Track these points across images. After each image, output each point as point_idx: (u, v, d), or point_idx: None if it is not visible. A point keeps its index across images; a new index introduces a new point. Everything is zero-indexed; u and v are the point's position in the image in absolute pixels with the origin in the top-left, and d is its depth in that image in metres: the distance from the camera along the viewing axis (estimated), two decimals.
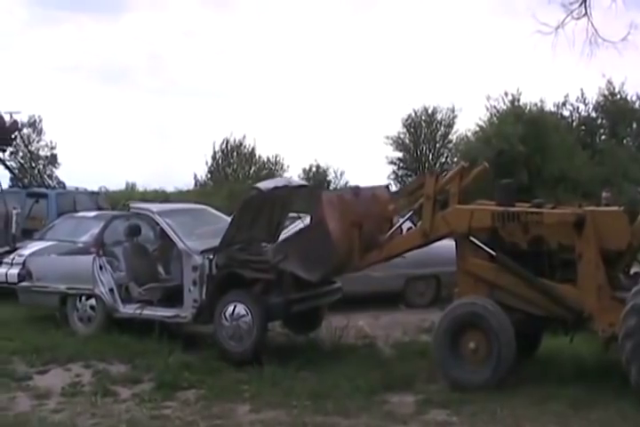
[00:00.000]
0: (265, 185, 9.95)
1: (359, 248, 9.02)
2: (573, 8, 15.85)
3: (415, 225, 9.76)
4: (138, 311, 10.62)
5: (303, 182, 10.46)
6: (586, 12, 15.81)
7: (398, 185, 40.43)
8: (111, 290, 10.88)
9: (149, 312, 10.53)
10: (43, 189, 19.41)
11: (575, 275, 8.01)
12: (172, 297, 10.40)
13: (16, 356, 9.59)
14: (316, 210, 9.00)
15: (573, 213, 8.07)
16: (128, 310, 10.73)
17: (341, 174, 44.39)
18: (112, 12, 71.69)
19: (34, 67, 65.50)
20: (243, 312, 9.41)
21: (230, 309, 9.48)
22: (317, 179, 41.58)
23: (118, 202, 17.16)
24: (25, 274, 12.23)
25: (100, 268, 11.05)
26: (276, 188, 10.00)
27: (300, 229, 9.68)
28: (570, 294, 7.97)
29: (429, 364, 8.63)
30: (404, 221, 9.42)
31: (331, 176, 44.36)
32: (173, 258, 11.04)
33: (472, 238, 8.55)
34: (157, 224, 11.08)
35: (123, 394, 8.09)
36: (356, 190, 9.38)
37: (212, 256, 9.87)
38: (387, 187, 10.04)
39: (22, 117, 29.90)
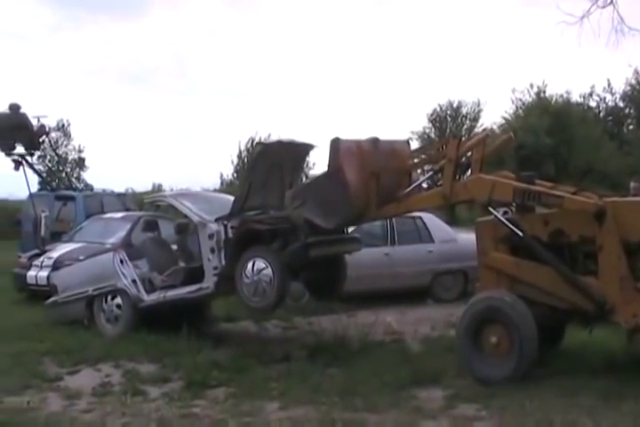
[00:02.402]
0: (269, 140, 9.98)
1: (376, 199, 9.00)
2: None
3: None
4: (161, 295, 10.70)
5: (310, 143, 10.60)
6: (611, 1, 15.56)
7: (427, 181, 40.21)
8: (134, 281, 10.97)
9: (173, 293, 10.62)
10: (70, 192, 19.60)
11: (597, 267, 7.93)
12: (194, 278, 10.47)
13: (47, 357, 9.67)
14: (334, 158, 8.93)
15: (594, 203, 7.93)
16: (152, 297, 10.82)
17: None
18: (134, 14, 72.18)
19: (61, 71, 66.00)
20: (262, 265, 9.45)
21: (250, 265, 9.53)
22: None
23: (145, 203, 17.21)
24: (52, 290, 12.28)
25: (121, 262, 11.15)
26: (280, 142, 10.03)
27: (318, 177, 9.63)
28: (592, 286, 7.90)
29: (457, 359, 8.58)
30: (424, 180, 9.35)
31: None
32: (191, 241, 11.08)
33: (492, 210, 8.47)
34: (172, 207, 11.23)
35: (152, 393, 8.14)
36: (376, 142, 9.32)
37: (226, 222, 9.99)
38: (407, 142, 9.92)
39: (50, 122, 30.18)
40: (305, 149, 10.66)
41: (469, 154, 9.03)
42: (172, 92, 68.10)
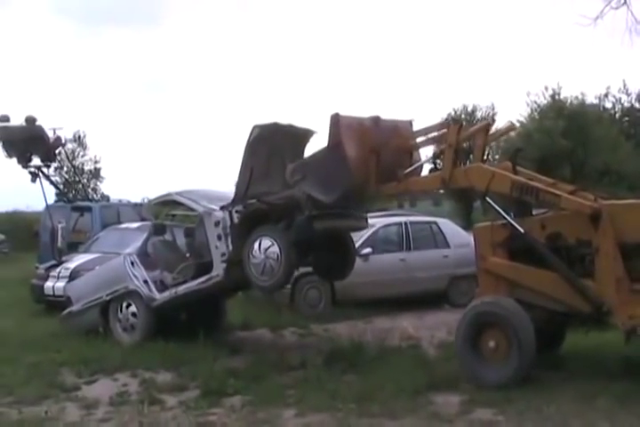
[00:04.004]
0: (265, 123, 10.00)
1: (375, 176, 9.02)
2: None
3: None
4: (173, 292, 10.77)
5: (310, 128, 10.53)
6: (625, 1, 15.47)
7: None
8: (145, 282, 11.07)
9: (184, 287, 10.69)
10: (87, 203, 19.71)
11: (594, 269, 7.94)
12: (205, 272, 10.53)
13: (64, 367, 9.70)
14: (334, 133, 8.94)
15: (590, 205, 7.93)
16: (164, 294, 10.89)
17: None
18: (149, 23, 72.66)
19: (76, 81, 66.40)
20: (269, 243, 9.54)
21: (256, 245, 9.64)
22: None
23: (161, 212, 17.26)
24: (67, 302, 12.36)
25: (132, 264, 11.26)
26: (276, 125, 10.00)
27: (318, 151, 9.61)
28: (590, 288, 7.89)
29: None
30: (425, 161, 9.32)
31: None
32: (199, 237, 11.15)
33: (489, 200, 8.53)
34: (178, 203, 11.52)
35: (169, 402, 8.13)
36: (377, 119, 9.35)
37: (230, 208, 10.14)
38: (410, 122, 9.87)
39: (67, 133, 30.33)
40: (305, 134, 10.59)
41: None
42: (188, 100, 68.35)
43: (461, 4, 63.87)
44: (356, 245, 13.73)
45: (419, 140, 9.55)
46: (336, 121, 8.91)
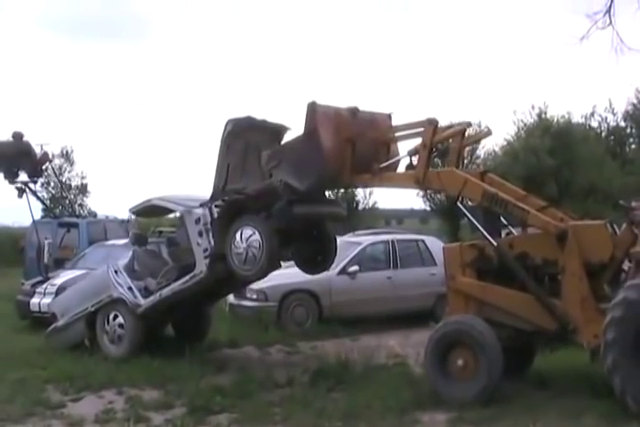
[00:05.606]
0: (238, 117, 10.07)
1: (350, 165, 9.07)
2: (598, 18, 15.70)
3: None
4: (158, 295, 10.78)
5: (284, 124, 10.58)
6: (610, 22, 15.65)
7: (428, 203, 40.35)
8: (130, 289, 11.08)
9: (168, 289, 10.71)
10: (74, 219, 19.65)
11: (560, 288, 8.04)
12: (187, 273, 10.57)
13: (50, 384, 9.65)
14: (310, 120, 9.00)
15: (556, 225, 8.07)
16: (149, 299, 10.90)
17: (370, 194, 44.20)
18: (135, 37, 72.92)
19: (65, 97, 66.43)
20: (250, 233, 9.60)
21: (238, 235, 9.69)
22: (346, 199, 41.36)
23: (148, 228, 17.24)
24: (52, 319, 12.31)
25: (116, 272, 11.28)
26: (250, 119, 10.10)
27: (294, 139, 9.67)
28: (556, 307, 7.99)
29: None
30: (402, 157, 9.33)
31: (359, 196, 44.16)
32: (181, 240, 11.24)
33: (460, 206, 8.69)
34: (160, 207, 11.46)
35: (155, 420, 8.09)
36: (355, 110, 9.40)
37: (210, 204, 10.29)
38: (389, 115, 9.88)
39: (54, 149, 30.29)
40: (279, 129, 10.63)
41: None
42: (174, 115, 68.42)
43: (450, 21, 64.43)
44: (344, 262, 13.82)
45: (397, 134, 9.59)
46: (312, 109, 8.98)
